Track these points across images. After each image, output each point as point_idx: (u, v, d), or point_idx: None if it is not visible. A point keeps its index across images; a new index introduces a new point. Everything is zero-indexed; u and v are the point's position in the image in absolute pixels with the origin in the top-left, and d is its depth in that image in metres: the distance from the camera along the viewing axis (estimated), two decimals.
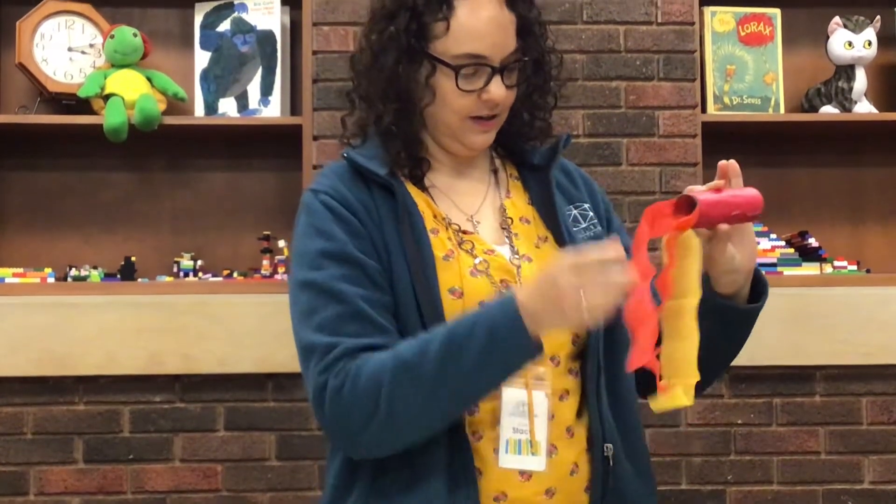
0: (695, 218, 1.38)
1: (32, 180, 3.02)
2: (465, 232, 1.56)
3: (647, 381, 1.44)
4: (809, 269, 2.93)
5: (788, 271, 2.92)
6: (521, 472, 1.47)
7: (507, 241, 1.57)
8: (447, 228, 1.55)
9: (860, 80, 2.99)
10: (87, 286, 2.82)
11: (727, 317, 1.52)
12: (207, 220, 3.04)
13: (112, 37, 2.86)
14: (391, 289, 1.48)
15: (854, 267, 2.98)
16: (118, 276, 2.87)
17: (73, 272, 2.87)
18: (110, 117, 2.75)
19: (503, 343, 1.35)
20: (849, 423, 2.88)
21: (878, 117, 2.98)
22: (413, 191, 1.57)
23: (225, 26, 2.94)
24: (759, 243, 2.90)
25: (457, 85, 1.51)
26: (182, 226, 3.04)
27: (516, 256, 1.55)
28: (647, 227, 1.40)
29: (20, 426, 2.77)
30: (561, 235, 1.57)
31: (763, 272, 1.57)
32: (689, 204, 1.39)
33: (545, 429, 1.47)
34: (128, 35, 2.86)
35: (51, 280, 2.83)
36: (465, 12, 1.51)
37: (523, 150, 1.67)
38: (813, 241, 2.95)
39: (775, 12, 3.01)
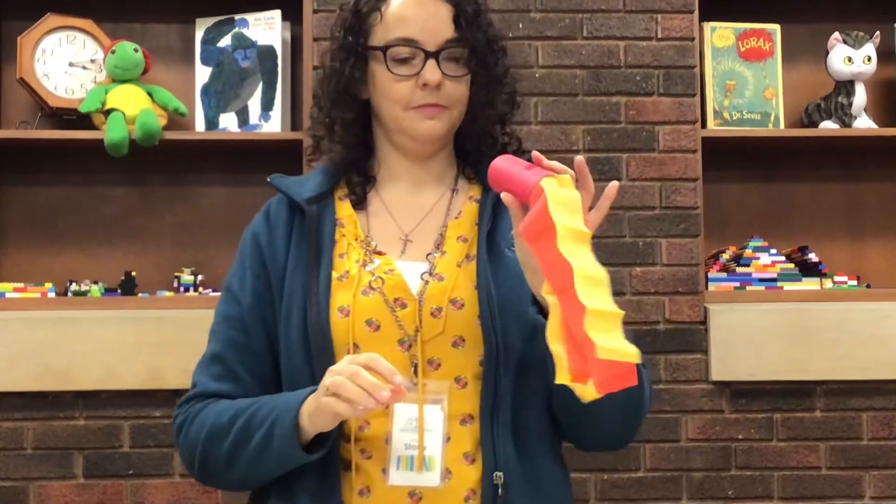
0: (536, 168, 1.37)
1: (33, 195, 3.02)
2: (379, 253, 1.55)
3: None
4: (809, 284, 2.93)
5: (788, 286, 2.91)
6: (411, 494, 1.43)
7: (430, 260, 1.55)
8: (362, 250, 1.55)
9: (860, 96, 3.00)
10: (87, 301, 2.82)
11: None
12: (208, 235, 3.04)
13: (113, 52, 2.86)
14: (283, 313, 1.53)
15: (854, 282, 2.98)
16: (118, 290, 2.87)
17: (74, 287, 2.87)
18: (111, 132, 2.75)
19: (276, 439, 1.42)
20: (849, 439, 2.87)
21: (877, 132, 2.99)
22: (345, 212, 1.60)
23: (226, 41, 2.94)
24: (759, 258, 2.91)
25: (388, 68, 1.54)
26: (182, 241, 3.04)
27: (429, 275, 1.52)
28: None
29: (20, 441, 2.77)
30: (481, 255, 1.52)
31: None
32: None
33: (440, 444, 1.41)
34: (129, 50, 2.87)
35: (51, 295, 2.83)
36: (397, 1, 1.56)
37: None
38: (813, 257, 2.95)
39: (775, 28, 3.02)
